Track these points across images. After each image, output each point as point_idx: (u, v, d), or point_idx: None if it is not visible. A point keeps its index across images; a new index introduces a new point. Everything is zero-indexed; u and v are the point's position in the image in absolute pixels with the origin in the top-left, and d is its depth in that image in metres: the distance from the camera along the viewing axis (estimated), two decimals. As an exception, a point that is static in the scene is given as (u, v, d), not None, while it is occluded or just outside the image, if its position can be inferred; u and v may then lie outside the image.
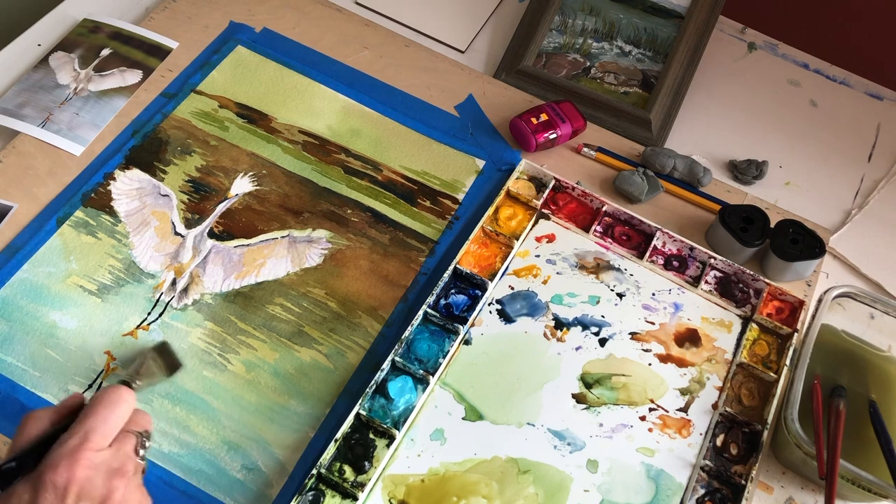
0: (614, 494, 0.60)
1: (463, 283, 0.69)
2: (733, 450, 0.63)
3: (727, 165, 0.82)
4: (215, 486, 0.59)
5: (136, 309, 0.66)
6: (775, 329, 0.68)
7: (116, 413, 0.48)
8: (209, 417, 0.62)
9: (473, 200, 0.75)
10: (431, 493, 0.59)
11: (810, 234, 0.72)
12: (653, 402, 0.65)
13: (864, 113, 0.88)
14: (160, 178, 0.73)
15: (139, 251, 0.69)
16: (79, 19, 0.83)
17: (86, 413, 0.48)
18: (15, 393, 0.61)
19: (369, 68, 0.83)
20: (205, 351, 0.64)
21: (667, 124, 0.83)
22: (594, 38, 0.87)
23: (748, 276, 0.70)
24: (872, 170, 0.83)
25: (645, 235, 0.73)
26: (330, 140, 0.77)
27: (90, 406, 0.48)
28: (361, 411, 0.61)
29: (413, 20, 0.89)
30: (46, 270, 0.67)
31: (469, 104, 0.81)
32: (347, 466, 0.59)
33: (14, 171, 0.72)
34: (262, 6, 0.86)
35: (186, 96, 0.78)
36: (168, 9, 0.85)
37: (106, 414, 0.48)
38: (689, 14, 0.87)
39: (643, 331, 0.68)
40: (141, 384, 0.55)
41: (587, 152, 0.79)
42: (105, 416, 0.48)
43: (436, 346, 0.65)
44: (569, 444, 0.62)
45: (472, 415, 0.63)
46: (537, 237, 0.72)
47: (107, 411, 0.48)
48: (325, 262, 0.70)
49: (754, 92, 0.88)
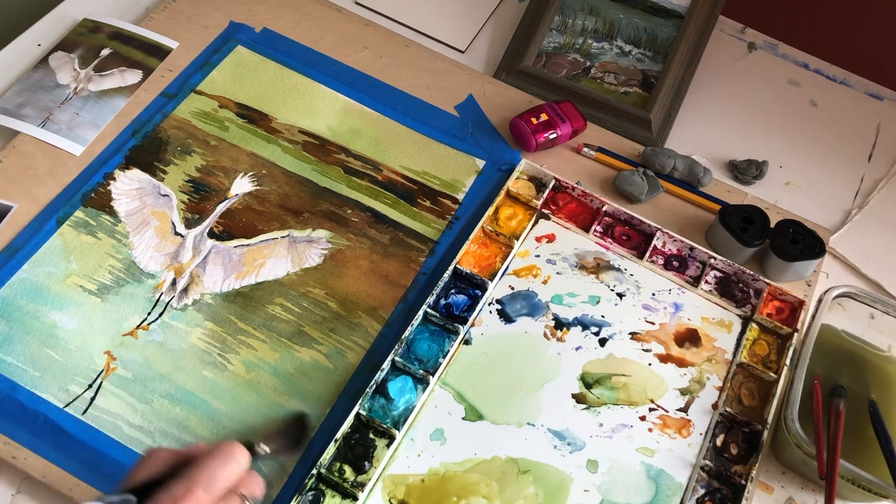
0: (614, 494, 0.60)
1: (463, 283, 0.69)
2: (733, 450, 0.63)
3: (727, 165, 0.82)
4: (215, 486, 0.59)
5: (136, 309, 0.66)
6: (775, 329, 0.68)
7: (226, 470, 0.47)
8: (209, 417, 0.62)
9: (473, 200, 0.75)
10: (431, 493, 0.59)
11: (810, 234, 0.72)
12: (653, 402, 0.65)
13: (864, 113, 0.88)
14: (160, 178, 0.73)
15: (139, 251, 0.69)
16: (79, 19, 0.83)
17: (198, 464, 0.47)
18: (15, 393, 0.61)
19: (369, 68, 0.83)
20: (205, 351, 0.64)
21: (667, 124, 0.83)
22: (594, 38, 0.87)
23: (748, 276, 0.70)
24: (872, 170, 0.83)
25: (645, 235, 0.73)
26: (330, 140, 0.77)
27: (204, 457, 0.47)
28: (361, 411, 0.61)
29: (413, 20, 0.89)
30: (46, 270, 0.67)
31: (469, 104, 0.81)
32: (347, 466, 0.59)
33: (14, 171, 0.72)
34: (262, 6, 0.86)
35: (186, 96, 0.78)
36: (168, 9, 0.85)
37: (216, 468, 0.47)
38: (689, 14, 0.87)
39: (643, 331, 0.68)
40: (265, 450, 0.52)
41: (587, 152, 0.79)
42: (215, 471, 0.46)
43: (436, 346, 0.65)
44: (569, 444, 0.62)
45: (472, 415, 0.63)
46: (537, 237, 0.72)
47: (218, 466, 0.47)
48: (325, 262, 0.70)
49: (754, 92, 0.88)
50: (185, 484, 0.46)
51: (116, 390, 0.62)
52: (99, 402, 0.61)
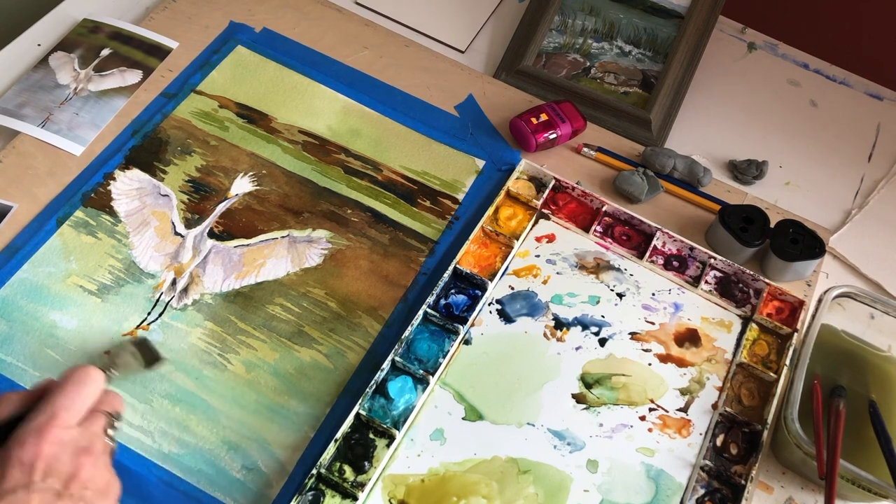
0: (614, 494, 0.60)
1: (463, 283, 0.69)
2: (733, 450, 0.63)
3: (727, 165, 0.82)
4: (215, 486, 0.59)
5: (136, 309, 0.66)
6: (775, 329, 0.68)
7: (85, 392, 0.48)
8: (209, 417, 0.62)
9: (473, 200, 0.75)
10: (431, 493, 0.59)
11: (810, 234, 0.72)
12: (653, 402, 0.65)
13: (864, 113, 0.88)
14: (160, 178, 0.73)
15: (139, 251, 0.69)
16: (79, 19, 0.83)
17: (54, 392, 0.47)
18: (15, 393, 0.61)
19: (369, 68, 0.83)
20: (205, 351, 0.64)
21: (667, 124, 0.83)
22: (594, 38, 0.87)
23: (748, 276, 0.70)
24: (872, 170, 0.83)
25: (645, 235, 0.73)
26: (330, 140, 0.77)
27: (59, 385, 0.48)
28: (361, 411, 0.61)
29: (413, 20, 0.89)
30: (46, 270, 0.67)
31: (469, 104, 0.81)
32: (347, 466, 0.59)
33: (14, 171, 0.72)
34: (262, 6, 0.86)
35: (186, 96, 0.78)
36: (168, 9, 0.85)
37: (74, 393, 0.48)
38: (689, 14, 0.87)
39: (643, 331, 0.68)
40: (116, 373, 0.55)
41: (587, 152, 0.79)
42: (74, 395, 0.47)
43: (436, 346, 0.65)
44: (569, 444, 0.62)
45: (472, 415, 0.63)
46: (537, 237, 0.72)
47: (75, 390, 0.48)
48: (325, 262, 0.70)
49: (754, 92, 0.88)
50: (47, 412, 0.46)
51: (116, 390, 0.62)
52: (99, 402, 0.61)
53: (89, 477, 0.46)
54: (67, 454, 0.45)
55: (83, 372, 0.49)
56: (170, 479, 0.59)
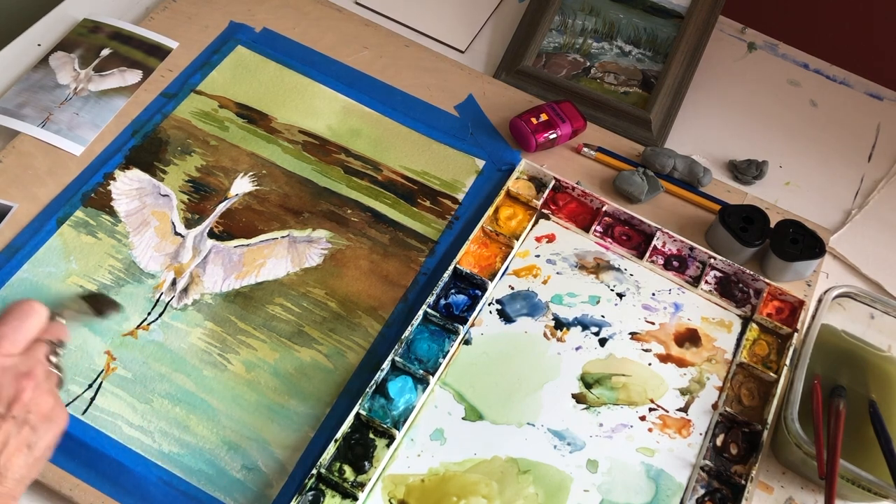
0: (614, 494, 0.60)
1: (463, 283, 0.69)
2: (733, 450, 0.63)
3: (727, 165, 0.82)
4: (215, 486, 0.59)
5: (136, 309, 0.66)
6: (775, 329, 0.68)
7: (27, 323, 0.49)
8: (209, 417, 0.62)
9: (473, 200, 0.75)
10: (431, 493, 0.59)
11: (810, 234, 0.72)
12: (653, 402, 0.65)
13: (864, 113, 0.88)
14: (160, 178, 0.73)
15: (139, 251, 0.69)
16: (79, 19, 0.83)
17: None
18: (15, 393, 0.61)
19: (369, 68, 0.83)
20: (205, 351, 0.64)
21: (667, 124, 0.83)
22: (594, 38, 0.87)
23: (748, 276, 0.70)
24: (872, 170, 0.83)
25: (645, 235, 0.73)
26: (330, 140, 0.77)
27: (0, 316, 0.49)
28: (361, 411, 0.61)
29: (413, 20, 0.89)
30: (46, 270, 0.67)
31: (469, 104, 0.81)
32: (347, 466, 0.59)
33: (14, 171, 0.72)
34: (262, 6, 0.86)
35: (186, 96, 0.78)
36: (168, 9, 0.85)
37: (16, 323, 0.48)
38: (689, 14, 0.87)
39: (643, 331, 0.68)
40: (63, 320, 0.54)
41: (587, 152, 0.79)
42: (15, 325, 0.48)
43: (436, 346, 0.65)
44: (569, 444, 0.62)
45: (472, 415, 0.63)
46: (537, 237, 0.72)
47: (17, 321, 0.48)
48: (325, 262, 0.70)
49: (754, 92, 0.88)
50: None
51: (116, 390, 0.62)
52: (99, 402, 0.61)
53: (30, 400, 0.47)
54: (8, 379, 0.46)
55: (26, 304, 0.50)
56: (170, 479, 0.59)
